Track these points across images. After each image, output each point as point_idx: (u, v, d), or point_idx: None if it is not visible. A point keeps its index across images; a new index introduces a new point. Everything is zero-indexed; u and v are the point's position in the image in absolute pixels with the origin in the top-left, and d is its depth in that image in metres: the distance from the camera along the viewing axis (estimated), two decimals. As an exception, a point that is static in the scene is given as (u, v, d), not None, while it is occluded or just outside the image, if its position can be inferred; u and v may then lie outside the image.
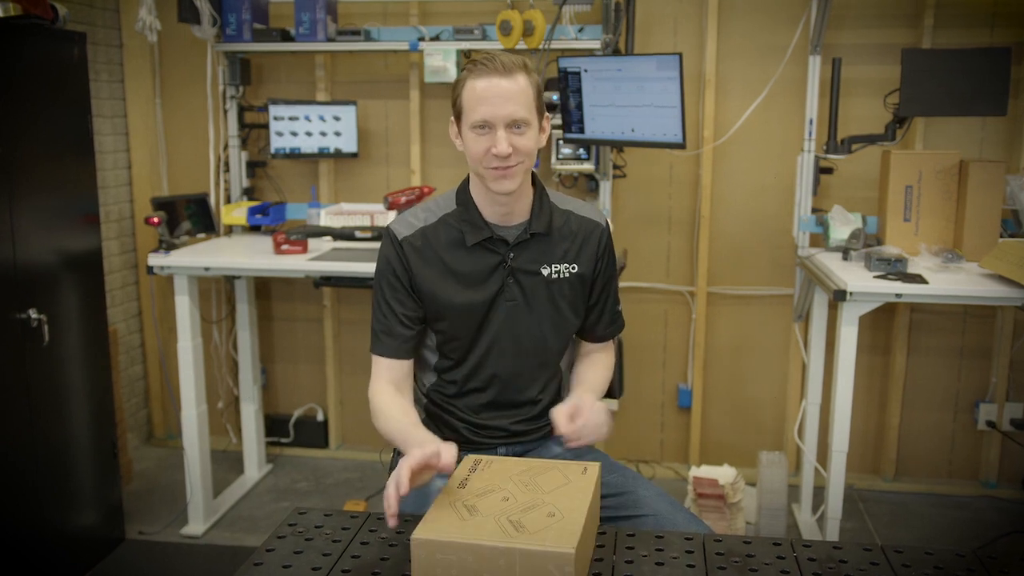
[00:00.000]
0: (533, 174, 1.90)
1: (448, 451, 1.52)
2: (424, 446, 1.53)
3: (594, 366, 2.03)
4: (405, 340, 1.91)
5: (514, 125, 1.74)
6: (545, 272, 1.90)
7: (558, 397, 2.03)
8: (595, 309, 2.00)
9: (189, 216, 3.70)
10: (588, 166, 3.61)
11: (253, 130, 3.98)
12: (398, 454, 2.05)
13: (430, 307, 1.89)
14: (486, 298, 1.88)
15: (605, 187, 3.64)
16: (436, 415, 1.99)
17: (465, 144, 1.80)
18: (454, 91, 1.79)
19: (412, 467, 1.48)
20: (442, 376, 1.97)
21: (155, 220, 3.42)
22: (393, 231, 1.90)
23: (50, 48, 2.90)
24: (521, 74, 1.75)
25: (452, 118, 1.83)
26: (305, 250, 3.41)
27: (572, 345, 2.07)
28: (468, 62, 1.78)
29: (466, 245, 1.87)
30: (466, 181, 1.92)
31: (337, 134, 3.85)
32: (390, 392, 1.88)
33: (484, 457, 1.67)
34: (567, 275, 1.92)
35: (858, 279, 2.89)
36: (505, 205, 1.85)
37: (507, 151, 1.73)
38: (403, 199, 3.38)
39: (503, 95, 1.72)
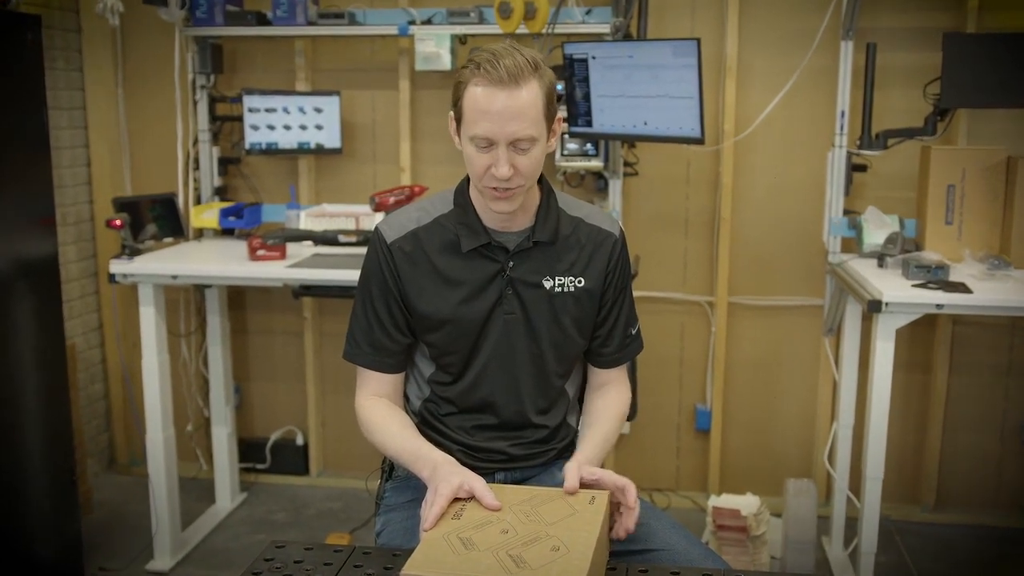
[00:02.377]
0: (541, 175, 1.89)
1: (481, 488, 1.61)
2: (451, 480, 1.61)
3: (606, 411, 1.99)
4: (392, 354, 1.92)
5: (517, 144, 1.73)
6: (548, 285, 1.90)
7: (564, 423, 2.03)
8: (603, 329, 1.99)
9: (155, 218, 3.71)
10: (596, 163, 3.62)
11: (225, 123, 3.99)
12: (386, 480, 2.06)
13: (420, 318, 1.90)
14: (482, 310, 1.88)
15: (615, 186, 3.65)
16: (428, 436, 1.99)
17: (464, 154, 1.79)
18: (455, 89, 1.77)
19: (444, 508, 1.57)
20: (436, 391, 1.98)
21: (117, 223, 3.42)
22: (382, 233, 1.91)
23: (0, 32, 2.90)
24: (528, 83, 1.71)
25: (452, 114, 1.82)
26: (283, 256, 3.41)
27: (579, 368, 2.07)
28: (471, 58, 1.75)
29: (461, 251, 1.87)
30: (465, 181, 1.92)
31: (318, 128, 3.86)
32: (383, 404, 1.91)
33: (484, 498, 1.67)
34: (572, 289, 1.92)
35: (895, 288, 2.89)
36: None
37: (508, 174, 1.73)
38: (391, 200, 3.38)
39: (506, 112, 1.70)
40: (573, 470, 1.68)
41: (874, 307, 2.85)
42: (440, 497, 1.58)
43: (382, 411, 1.91)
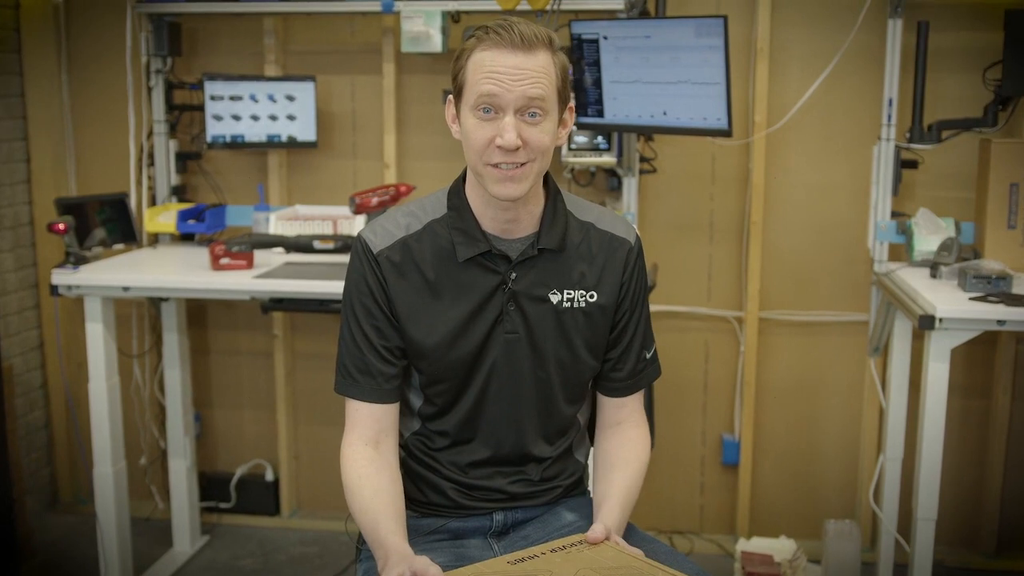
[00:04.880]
0: (547, 174, 1.90)
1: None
2: (397, 567, 1.57)
3: (626, 458, 1.98)
4: (388, 379, 1.90)
5: (527, 111, 1.74)
6: (555, 299, 1.91)
7: (571, 457, 2.03)
8: (615, 351, 1.99)
9: (103, 222, 3.71)
10: (608, 158, 3.62)
11: (184, 113, 4.00)
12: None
13: (410, 340, 1.89)
14: (480, 329, 1.89)
15: (630, 185, 3.65)
16: (418, 474, 1.99)
17: (464, 131, 1.80)
18: (456, 63, 1.80)
19: None
20: (427, 424, 1.97)
21: (60, 227, 3.42)
22: (366, 241, 1.90)
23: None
24: (543, 50, 1.75)
25: (450, 97, 1.84)
26: (250, 265, 3.41)
27: (589, 393, 2.07)
28: (478, 28, 1.78)
29: (457, 261, 1.87)
30: (460, 179, 1.92)
31: (291, 118, 3.86)
32: (367, 459, 1.86)
33: (593, 544, 1.71)
34: (583, 304, 1.92)
35: (950, 302, 2.89)
36: (509, 212, 1.86)
37: (515, 143, 1.73)
38: (374, 200, 3.39)
39: (517, 72, 1.72)
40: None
41: (926, 323, 2.85)
42: None
43: (362, 471, 1.85)
